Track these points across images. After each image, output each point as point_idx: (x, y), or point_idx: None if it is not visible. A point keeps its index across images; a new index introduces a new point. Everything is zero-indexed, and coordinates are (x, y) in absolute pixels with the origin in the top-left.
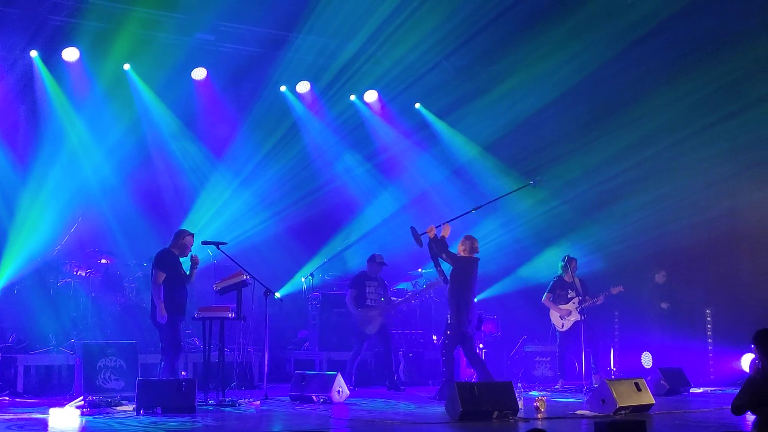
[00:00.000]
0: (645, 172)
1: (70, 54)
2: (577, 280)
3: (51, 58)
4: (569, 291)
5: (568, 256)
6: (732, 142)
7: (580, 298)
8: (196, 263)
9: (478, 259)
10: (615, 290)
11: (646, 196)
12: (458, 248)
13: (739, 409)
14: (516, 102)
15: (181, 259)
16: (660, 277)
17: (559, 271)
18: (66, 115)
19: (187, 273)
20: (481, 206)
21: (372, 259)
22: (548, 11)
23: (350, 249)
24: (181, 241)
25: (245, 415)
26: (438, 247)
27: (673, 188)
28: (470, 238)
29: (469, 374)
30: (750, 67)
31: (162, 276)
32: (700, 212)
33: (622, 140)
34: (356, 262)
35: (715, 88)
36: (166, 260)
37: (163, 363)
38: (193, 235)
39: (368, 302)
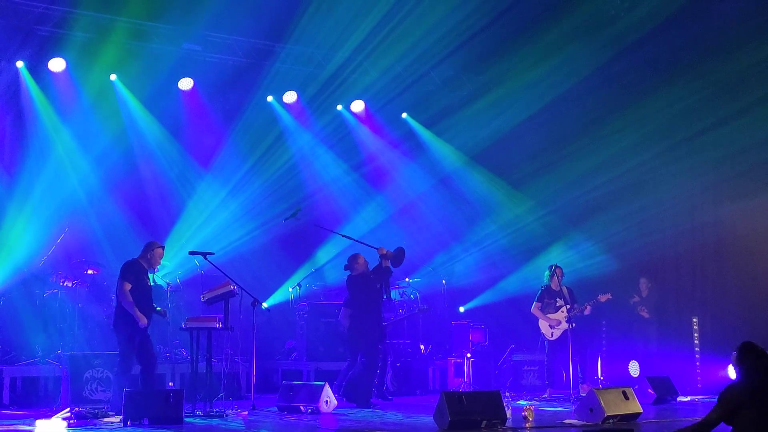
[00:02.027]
0: (631, 181)
1: (57, 64)
2: (564, 289)
3: (37, 68)
4: (557, 300)
5: (555, 265)
6: (716, 152)
7: (568, 306)
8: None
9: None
10: (603, 298)
11: (632, 205)
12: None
13: (710, 425)
14: (502, 112)
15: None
16: (643, 286)
17: (546, 280)
18: (52, 126)
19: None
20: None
21: None
22: (534, 23)
23: (338, 259)
24: (149, 252)
25: (233, 426)
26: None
27: (658, 197)
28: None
29: (456, 384)
30: (733, 77)
31: (128, 285)
32: (685, 221)
33: (607, 149)
34: (339, 275)
35: (699, 99)
36: (131, 270)
37: (116, 371)
38: (163, 247)
39: None
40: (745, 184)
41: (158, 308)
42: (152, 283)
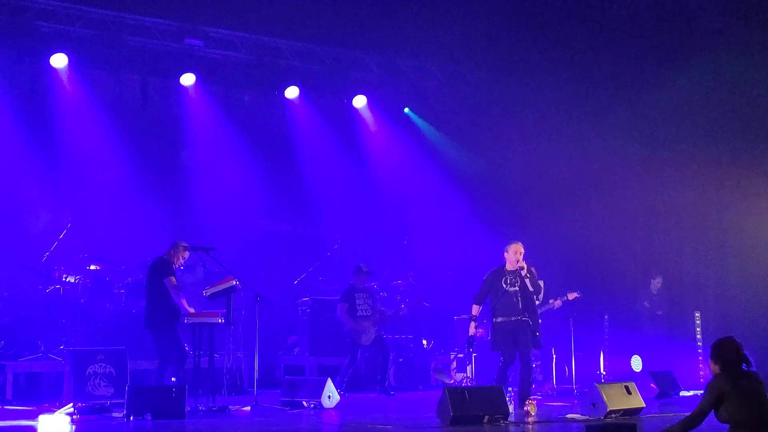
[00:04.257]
0: (633, 176)
1: (59, 60)
2: (540, 283)
3: (39, 63)
4: None
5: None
6: (719, 147)
7: (539, 301)
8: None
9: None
10: (571, 296)
11: (635, 200)
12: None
13: (700, 417)
14: (505, 105)
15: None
16: (654, 284)
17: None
18: (56, 121)
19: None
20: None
21: (358, 270)
22: (538, 16)
23: (341, 254)
24: (175, 251)
25: (235, 421)
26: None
27: (660, 192)
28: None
29: (459, 379)
30: (741, 73)
31: (174, 280)
32: (688, 216)
33: (610, 144)
34: (342, 270)
35: (701, 93)
36: (170, 267)
37: (167, 372)
38: (187, 247)
39: (359, 313)
40: (749, 178)
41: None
42: None
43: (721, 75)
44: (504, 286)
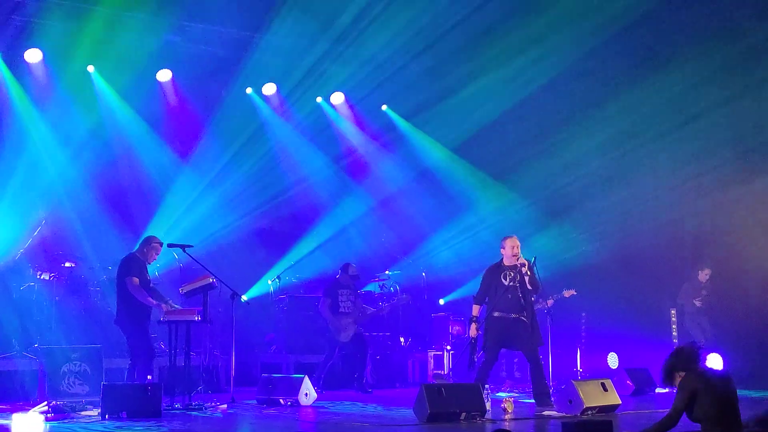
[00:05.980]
0: (611, 172)
1: (33, 55)
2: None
3: (13, 58)
4: None
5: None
6: (696, 144)
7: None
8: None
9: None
10: (567, 293)
11: (613, 196)
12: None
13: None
14: (483, 103)
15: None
16: (703, 275)
17: None
18: (29, 117)
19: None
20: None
21: (345, 270)
22: (516, 12)
23: (318, 251)
24: (146, 246)
25: (212, 419)
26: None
27: (638, 189)
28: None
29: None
30: (715, 68)
31: (136, 280)
32: (665, 213)
33: (589, 141)
34: (319, 267)
35: (679, 91)
36: (133, 264)
37: (136, 370)
38: (161, 243)
39: (341, 310)
40: (726, 175)
41: (169, 300)
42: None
43: (700, 71)
44: (504, 281)
